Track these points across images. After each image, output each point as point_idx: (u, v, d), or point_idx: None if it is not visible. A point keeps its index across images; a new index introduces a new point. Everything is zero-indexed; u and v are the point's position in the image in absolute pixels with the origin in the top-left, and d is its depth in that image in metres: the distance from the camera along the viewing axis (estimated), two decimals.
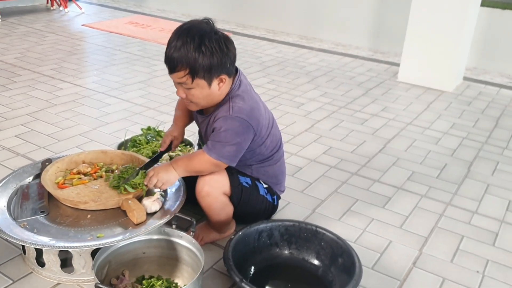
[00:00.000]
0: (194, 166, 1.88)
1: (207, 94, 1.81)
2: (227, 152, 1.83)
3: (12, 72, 4.11)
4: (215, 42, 1.73)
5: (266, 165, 2.07)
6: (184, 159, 1.90)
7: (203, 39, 1.72)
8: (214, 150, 1.83)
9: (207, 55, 1.71)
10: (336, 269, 1.89)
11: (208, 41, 1.72)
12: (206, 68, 1.73)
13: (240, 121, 1.83)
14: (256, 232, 1.96)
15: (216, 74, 1.77)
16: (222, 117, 1.83)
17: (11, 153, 2.75)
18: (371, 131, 3.35)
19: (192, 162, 1.88)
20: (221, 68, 1.77)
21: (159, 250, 1.85)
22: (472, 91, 4.34)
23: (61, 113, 3.33)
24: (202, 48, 1.71)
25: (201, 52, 1.71)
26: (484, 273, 2.03)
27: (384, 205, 2.48)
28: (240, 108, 1.84)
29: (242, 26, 6.39)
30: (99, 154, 2.22)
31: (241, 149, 1.87)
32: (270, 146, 2.03)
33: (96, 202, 1.88)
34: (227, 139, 1.82)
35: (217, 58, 1.73)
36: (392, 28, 5.46)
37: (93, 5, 7.21)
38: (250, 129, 1.86)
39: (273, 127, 2.04)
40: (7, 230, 1.73)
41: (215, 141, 1.84)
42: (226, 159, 1.85)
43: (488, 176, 2.84)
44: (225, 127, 1.82)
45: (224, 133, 1.82)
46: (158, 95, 3.76)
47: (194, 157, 1.89)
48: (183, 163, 1.89)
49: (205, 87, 1.79)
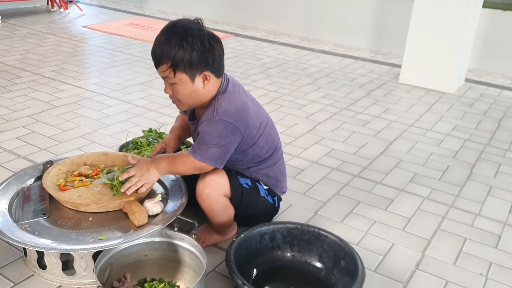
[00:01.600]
0: (177, 167, 1.89)
1: (191, 91, 1.83)
2: (211, 154, 1.83)
3: (13, 74, 4.10)
4: (197, 37, 1.76)
5: (264, 167, 2.06)
6: (167, 159, 1.90)
7: (186, 34, 1.76)
8: (198, 152, 1.83)
9: (188, 49, 1.75)
10: (338, 271, 1.88)
11: (190, 36, 1.76)
12: (186, 61, 1.75)
13: (224, 124, 1.82)
14: (258, 234, 1.95)
15: (198, 69, 1.79)
16: (206, 120, 1.83)
17: (12, 155, 2.75)
18: (373, 133, 3.35)
19: (175, 163, 1.88)
20: (203, 64, 1.78)
21: (161, 253, 1.84)
22: (474, 92, 4.33)
23: (62, 115, 3.33)
24: (183, 42, 1.75)
25: (182, 46, 1.75)
26: (487, 276, 2.02)
27: (386, 207, 2.47)
28: (225, 111, 1.83)
29: (243, 28, 6.39)
30: (101, 156, 2.21)
31: (227, 151, 1.86)
32: (265, 147, 2.01)
33: (98, 204, 1.87)
34: (212, 142, 1.82)
35: (197, 53, 1.76)
36: (393, 30, 5.45)
37: (94, 6, 7.21)
38: (236, 131, 1.85)
39: (266, 127, 2.01)
40: (8, 233, 1.72)
41: (199, 143, 1.84)
42: (210, 161, 1.84)
43: (491, 178, 2.83)
44: (208, 131, 1.82)
45: (208, 136, 1.82)
46: (159, 96, 3.76)
47: (178, 158, 1.89)
48: (165, 164, 1.89)
49: (188, 83, 1.80)
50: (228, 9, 6.62)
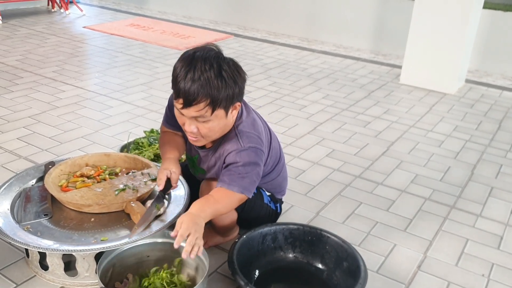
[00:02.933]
0: (219, 208, 1.74)
1: (224, 125, 1.72)
2: (248, 184, 1.76)
3: (13, 74, 4.10)
4: (233, 68, 1.65)
5: (268, 180, 2.05)
6: (207, 205, 1.71)
7: (221, 65, 1.62)
8: (234, 183, 1.74)
9: (230, 83, 1.62)
10: (341, 272, 1.88)
11: (227, 67, 1.63)
12: (229, 97, 1.63)
13: (254, 150, 1.77)
14: (260, 235, 1.95)
15: (233, 103, 1.68)
16: (234, 151, 1.76)
17: (13, 156, 2.75)
18: (374, 134, 3.35)
19: (217, 205, 1.72)
20: (240, 95, 1.70)
21: (163, 253, 1.84)
22: (475, 93, 4.33)
23: (63, 116, 3.33)
24: (223, 75, 1.60)
25: (224, 80, 1.60)
26: (489, 277, 2.02)
27: (388, 208, 2.47)
28: (248, 137, 1.78)
29: (243, 28, 6.39)
30: (102, 157, 2.21)
31: (259, 177, 1.82)
32: (270, 162, 1.99)
33: (100, 205, 1.87)
34: (246, 171, 1.75)
35: (238, 86, 1.65)
36: (393, 30, 5.45)
37: (94, 7, 7.21)
38: (262, 155, 1.82)
39: (271, 141, 1.98)
40: (11, 233, 1.72)
41: (232, 175, 1.75)
42: (248, 191, 1.76)
43: (492, 179, 2.83)
44: (242, 161, 1.74)
45: (243, 167, 1.74)
46: (160, 97, 3.75)
47: (217, 198, 1.73)
48: (209, 208, 1.70)
49: (223, 118, 1.68)
50: (229, 10, 6.62)
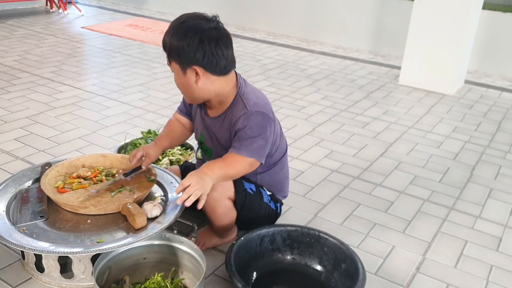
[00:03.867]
0: (229, 170, 1.81)
1: (184, 83, 1.84)
2: (257, 148, 1.82)
3: (11, 74, 4.08)
4: (194, 31, 1.75)
5: (272, 173, 2.05)
6: (219, 164, 1.79)
7: (183, 25, 1.78)
8: (243, 148, 1.80)
9: (178, 39, 1.76)
10: (339, 274, 1.87)
11: (187, 28, 1.76)
12: (174, 50, 1.78)
13: (262, 114, 1.84)
14: (258, 237, 1.93)
15: (187, 62, 1.78)
16: (242, 115, 1.82)
17: (10, 157, 2.73)
18: (373, 135, 3.33)
19: (226, 165, 1.80)
20: (191, 58, 1.76)
21: (160, 256, 1.82)
22: (474, 94, 4.32)
23: (61, 116, 3.31)
24: (178, 32, 1.77)
25: (175, 35, 1.77)
26: (488, 279, 2.00)
27: (386, 209, 2.45)
28: (255, 103, 1.86)
29: (242, 29, 6.38)
30: (99, 158, 2.19)
31: (268, 143, 1.87)
32: (280, 149, 2.02)
33: (96, 207, 1.85)
34: (254, 134, 1.81)
35: (186, 44, 1.74)
36: (392, 31, 5.44)
37: (93, 7, 7.19)
38: (271, 121, 1.88)
39: (279, 134, 2.02)
40: (6, 235, 1.70)
41: (242, 140, 1.81)
42: (256, 155, 1.82)
43: (491, 180, 2.82)
44: (249, 124, 1.81)
45: (250, 130, 1.81)
46: (158, 97, 3.74)
47: (228, 160, 1.81)
48: (219, 169, 1.78)
49: (180, 73, 1.82)
50: (228, 10, 6.60)
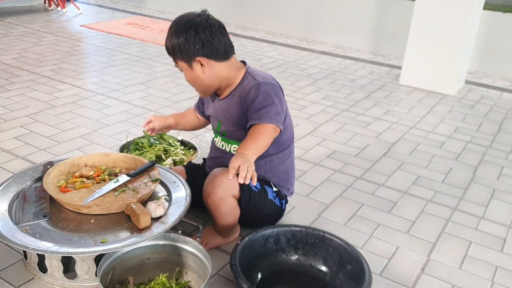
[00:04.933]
0: (261, 143, 1.82)
1: (194, 78, 1.94)
2: (274, 114, 1.85)
3: (10, 72, 4.06)
4: (189, 26, 1.86)
5: (281, 157, 2.07)
6: (249, 143, 1.80)
7: (179, 23, 1.89)
8: (263, 117, 1.84)
9: (177, 36, 1.87)
10: (344, 275, 1.85)
11: (182, 24, 1.88)
12: (176, 48, 1.88)
13: (270, 85, 1.92)
14: (263, 237, 1.92)
15: (190, 55, 1.88)
16: (252, 86, 1.90)
17: (11, 155, 2.71)
18: (375, 135, 3.32)
19: (257, 138, 1.81)
20: (192, 50, 1.86)
21: (164, 256, 1.81)
22: (475, 94, 4.32)
23: (61, 115, 3.29)
24: (175, 31, 1.88)
25: (174, 34, 1.88)
26: (493, 280, 1.99)
27: (390, 210, 2.44)
28: (264, 77, 1.96)
29: (242, 28, 6.36)
30: (102, 157, 2.18)
31: (282, 109, 1.91)
32: (288, 130, 2.07)
33: (100, 207, 1.84)
34: (267, 103, 1.86)
35: (184, 39, 1.85)
36: (393, 31, 5.44)
37: (91, 5, 7.17)
38: (280, 90, 1.96)
39: (288, 114, 2.06)
40: (9, 235, 1.68)
41: (258, 110, 1.85)
42: (276, 121, 1.85)
43: (494, 180, 2.81)
44: (260, 93, 1.87)
45: (263, 99, 1.86)
46: (159, 96, 3.72)
47: (255, 134, 1.83)
48: (252, 144, 1.79)
49: (188, 70, 1.92)
50: (227, 10, 6.59)
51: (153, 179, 2.02)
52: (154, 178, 2.02)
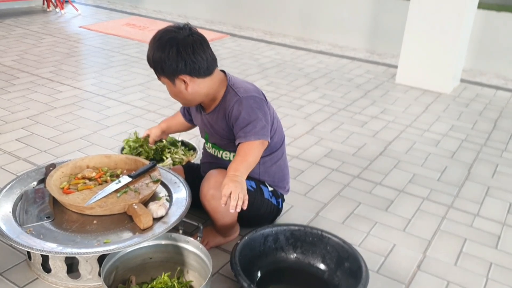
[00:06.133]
0: (251, 161, 1.84)
1: (177, 92, 1.93)
2: (260, 129, 1.86)
3: (10, 74, 4.09)
4: (171, 45, 1.82)
5: (274, 158, 2.10)
6: (238, 163, 1.82)
7: (161, 42, 1.84)
8: (249, 134, 1.85)
9: (160, 56, 1.83)
10: (342, 273, 1.90)
11: (164, 45, 1.83)
12: (159, 67, 1.87)
13: (252, 97, 1.91)
14: (262, 236, 1.96)
15: (172, 74, 1.86)
16: (235, 102, 1.89)
17: (13, 157, 2.74)
18: (371, 134, 3.37)
19: (247, 159, 1.83)
20: (174, 69, 1.84)
21: (166, 255, 1.85)
22: (470, 92, 4.37)
23: (61, 116, 3.33)
24: (158, 50, 1.84)
25: (157, 53, 1.84)
26: (488, 276, 2.04)
27: (386, 208, 2.49)
28: (245, 90, 1.93)
29: (239, 28, 6.40)
30: (103, 159, 2.21)
31: (267, 122, 1.92)
32: (277, 133, 2.08)
33: (102, 208, 1.87)
34: (252, 118, 1.86)
35: (167, 60, 1.82)
36: (389, 30, 5.48)
37: (90, 6, 7.19)
38: (263, 101, 1.95)
39: (275, 117, 2.08)
40: (14, 236, 1.72)
41: (243, 127, 1.86)
42: (263, 136, 1.87)
43: (488, 178, 2.85)
44: (243, 110, 1.87)
45: (247, 115, 1.86)
46: (158, 97, 3.76)
47: (243, 153, 1.84)
48: (241, 164, 1.81)
49: (170, 85, 1.91)
50: (224, 9, 6.62)
51: (154, 180, 2.06)
52: (155, 179, 2.06)
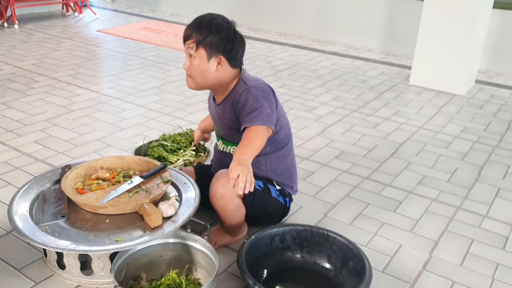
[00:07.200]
0: (256, 145, 1.90)
1: (204, 69, 2.02)
2: (265, 116, 1.94)
3: (30, 78, 4.20)
4: (223, 26, 1.99)
5: (280, 156, 2.15)
6: (244, 147, 1.88)
7: (214, 20, 2.01)
8: (254, 119, 1.92)
9: (213, 31, 1.97)
10: (347, 272, 1.94)
11: (217, 23, 1.99)
12: (208, 40, 1.97)
13: (260, 88, 2.02)
14: (269, 236, 2.01)
15: (216, 51, 1.99)
16: (243, 91, 2.00)
17: (31, 159, 2.84)
18: (383, 135, 3.39)
19: (252, 142, 1.89)
20: (221, 48, 1.99)
21: (175, 253, 1.91)
22: (484, 94, 4.35)
23: (78, 119, 3.42)
24: (211, 25, 1.98)
25: (209, 27, 1.98)
26: (494, 277, 2.06)
27: (395, 209, 2.51)
28: (255, 81, 2.07)
29: (254, 30, 6.45)
30: (117, 160, 2.29)
31: (273, 111, 2.00)
32: (284, 130, 2.16)
33: (114, 207, 1.94)
34: (257, 106, 1.95)
35: (220, 36, 1.97)
36: (404, 30, 5.48)
37: (108, 10, 7.32)
38: (270, 93, 2.05)
39: (282, 114, 2.17)
40: (30, 234, 1.80)
41: (249, 113, 1.94)
42: (268, 122, 1.94)
43: (499, 180, 2.86)
44: (250, 97, 1.97)
45: (254, 102, 1.95)
46: (173, 100, 3.83)
47: (249, 138, 1.91)
48: (247, 148, 1.87)
49: (204, 60, 2.00)
50: (240, 11, 6.68)
51: (164, 180, 2.13)
52: (165, 180, 2.13)
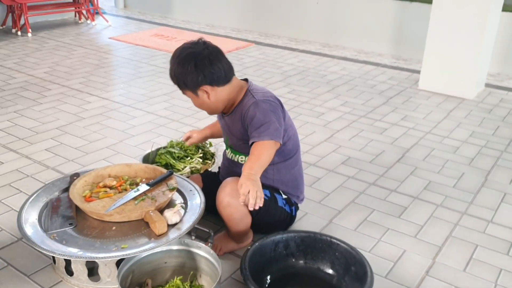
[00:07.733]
0: (264, 159, 1.94)
1: (201, 103, 2.09)
2: (273, 130, 1.96)
3: (42, 86, 4.28)
4: (189, 60, 1.99)
5: (287, 166, 2.18)
6: (253, 162, 1.91)
7: (180, 59, 2.02)
8: (262, 134, 1.95)
9: (181, 72, 2.01)
10: (349, 278, 1.96)
11: (183, 61, 2.00)
12: (182, 82, 2.04)
13: (268, 102, 2.03)
14: (273, 243, 2.04)
15: (194, 87, 2.02)
16: (251, 105, 2.01)
17: (42, 166, 2.90)
18: (390, 141, 3.40)
19: (260, 157, 1.92)
20: (195, 82, 2.00)
21: (179, 260, 1.95)
22: (494, 98, 4.34)
23: (89, 126, 3.48)
24: (178, 67, 2.02)
25: (177, 70, 2.02)
26: (497, 282, 2.06)
27: (400, 215, 2.53)
28: (263, 94, 2.07)
29: (264, 36, 6.49)
30: (124, 168, 2.33)
31: (281, 125, 2.02)
32: (292, 140, 2.17)
33: (121, 215, 1.99)
34: (266, 120, 1.96)
35: (188, 75, 1.99)
36: (415, 35, 5.47)
37: (120, 17, 7.42)
38: (278, 107, 2.06)
39: (290, 125, 2.18)
40: (39, 242, 1.86)
41: (257, 127, 1.96)
42: (276, 137, 1.96)
43: (506, 185, 2.85)
44: (258, 111, 1.98)
45: (262, 116, 1.97)
46: (182, 107, 3.88)
47: (257, 152, 1.94)
48: (255, 163, 1.91)
49: (194, 97, 2.07)
50: (251, 18, 6.73)
51: (170, 187, 2.17)
52: (171, 187, 2.17)
